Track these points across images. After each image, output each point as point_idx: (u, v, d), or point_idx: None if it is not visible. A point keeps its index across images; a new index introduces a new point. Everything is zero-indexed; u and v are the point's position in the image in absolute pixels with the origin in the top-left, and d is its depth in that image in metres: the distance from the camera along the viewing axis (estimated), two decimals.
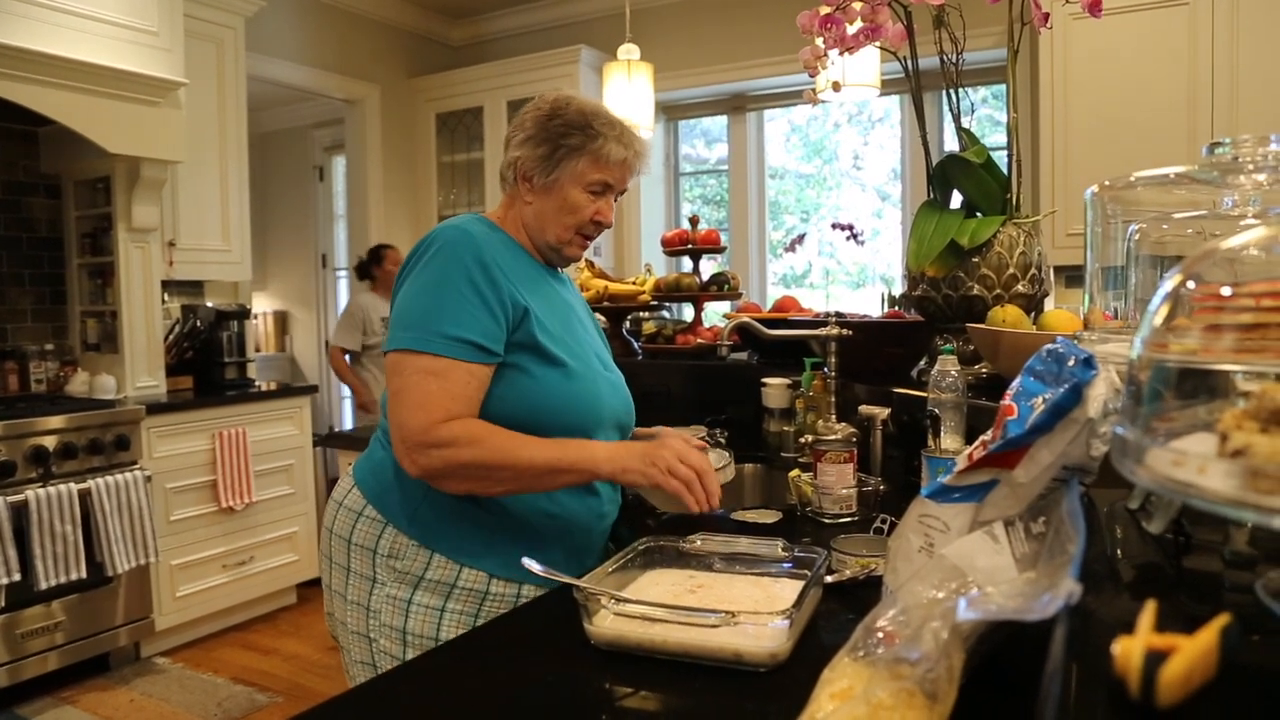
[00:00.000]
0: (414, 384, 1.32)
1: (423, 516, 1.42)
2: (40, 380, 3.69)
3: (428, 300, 1.37)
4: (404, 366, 1.34)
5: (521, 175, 1.50)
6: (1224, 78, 3.27)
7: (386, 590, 1.41)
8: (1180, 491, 0.54)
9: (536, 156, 1.48)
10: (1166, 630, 0.52)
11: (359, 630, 1.44)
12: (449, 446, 1.30)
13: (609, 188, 1.51)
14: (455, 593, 1.40)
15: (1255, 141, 0.84)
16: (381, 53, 5.34)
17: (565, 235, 1.51)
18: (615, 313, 3.10)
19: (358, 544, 1.46)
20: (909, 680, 0.69)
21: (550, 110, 1.49)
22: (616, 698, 0.94)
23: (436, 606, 1.39)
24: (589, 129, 1.47)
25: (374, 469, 1.50)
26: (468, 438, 1.31)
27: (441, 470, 1.32)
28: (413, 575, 1.41)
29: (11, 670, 3.02)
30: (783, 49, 4.53)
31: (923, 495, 0.92)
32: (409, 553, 1.41)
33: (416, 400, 1.31)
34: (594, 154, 1.47)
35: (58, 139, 3.66)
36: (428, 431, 1.30)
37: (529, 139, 1.49)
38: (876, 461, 1.88)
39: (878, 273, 5.01)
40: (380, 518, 1.45)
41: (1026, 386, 0.89)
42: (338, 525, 1.50)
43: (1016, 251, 1.93)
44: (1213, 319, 0.61)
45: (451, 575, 1.40)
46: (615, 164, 1.49)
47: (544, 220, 1.50)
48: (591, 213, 1.50)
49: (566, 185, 1.48)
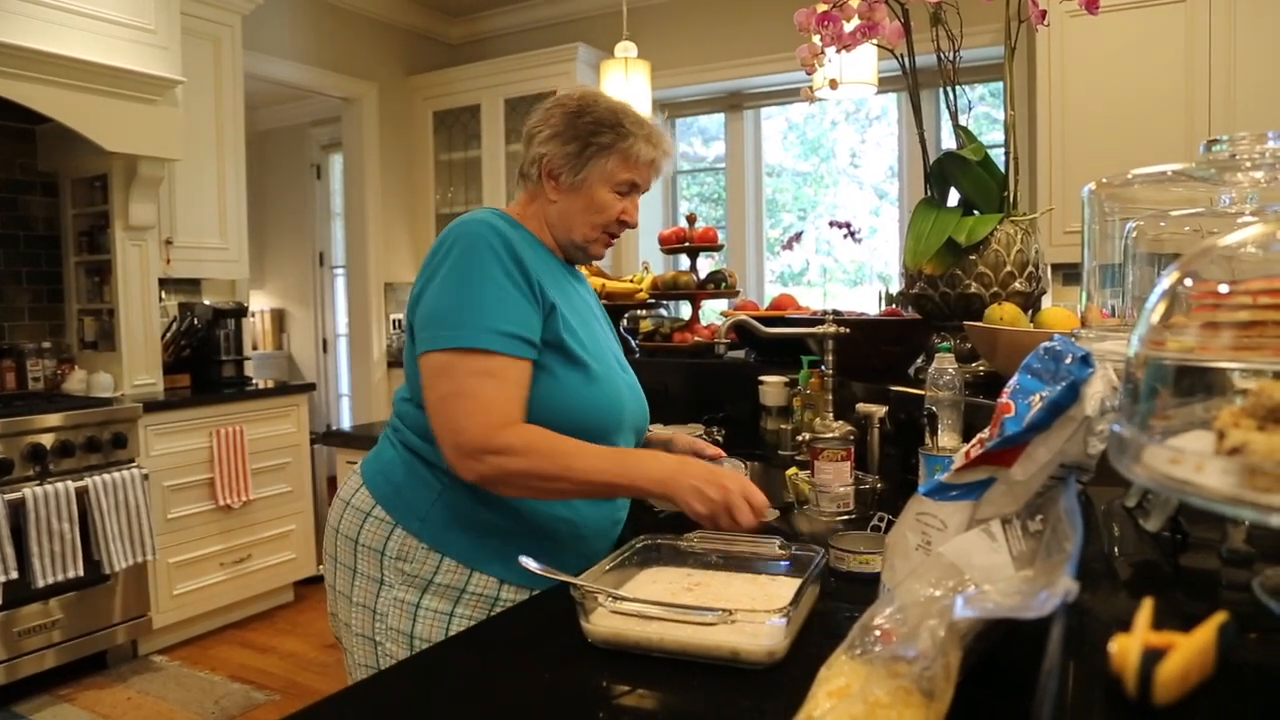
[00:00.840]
0: (469, 386, 1.28)
1: (434, 519, 1.39)
2: (37, 378, 3.68)
3: (468, 295, 1.31)
4: (455, 367, 1.29)
5: (547, 173, 1.45)
6: (1221, 75, 3.27)
7: (394, 593, 1.38)
8: (1177, 489, 0.54)
9: (565, 154, 1.43)
10: (1163, 628, 0.52)
11: (364, 633, 1.41)
12: (508, 455, 1.26)
13: (635, 187, 1.49)
14: (465, 597, 1.37)
15: (1252, 139, 0.84)
16: (379, 51, 5.33)
17: (592, 234, 1.48)
18: (613, 311, 3.10)
19: (365, 545, 1.42)
20: (906, 678, 0.69)
21: (579, 107, 1.45)
22: (613, 696, 0.94)
23: (445, 611, 1.36)
24: (620, 127, 1.43)
25: (383, 468, 1.46)
26: (525, 446, 1.26)
27: (499, 478, 1.28)
28: (422, 578, 1.37)
29: (9, 668, 3.02)
30: (780, 47, 4.53)
31: (920, 493, 0.92)
32: (418, 555, 1.38)
33: (475, 404, 1.27)
34: (624, 153, 1.43)
35: (55, 137, 3.65)
36: (489, 439, 1.25)
37: (556, 135, 1.44)
38: (874, 459, 1.88)
39: (875, 271, 5.01)
40: (389, 519, 1.41)
41: (1024, 384, 0.89)
42: (345, 525, 1.46)
43: (1014, 249, 1.93)
44: (1210, 316, 0.61)
45: (461, 580, 1.37)
46: (644, 164, 1.46)
47: (570, 219, 1.47)
48: (618, 212, 1.48)
49: (595, 184, 1.44)
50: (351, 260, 5.46)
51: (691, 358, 2.90)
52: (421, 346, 1.34)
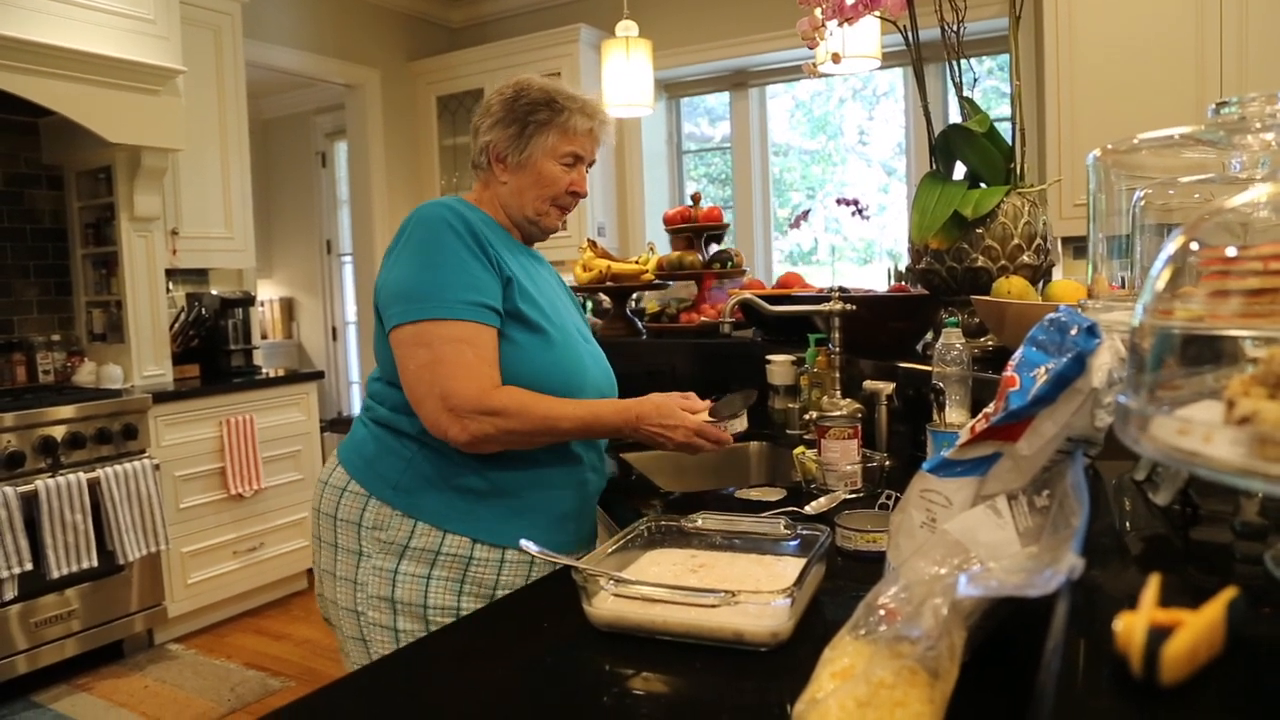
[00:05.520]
0: (450, 353, 1.36)
1: (405, 485, 1.46)
2: (48, 371, 3.70)
3: (432, 271, 1.40)
4: (431, 336, 1.37)
5: (495, 157, 1.56)
6: (1233, 37, 3.20)
7: (373, 562, 1.45)
8: (1186, 461, 0.52)
9: (508, 136, 1.54)
10: (1173, 604, 0.50)
11: (348, 606, 1.48)
12: (500, 415, 1.36)
13: (579, 159, 1.58)
14: (440, 559, 1.43)
15: (1263, 100, 0.81)
16: (381, 36, 5.30)
17: (543, 207, 1.58)
18: (618, 292, 3.08)
19: (343, 519, 1.50)
20: (910, 658, 0.68)
21: (514, 93, 1.57)
22: (617, 679, 0.93)
23: (422, 575, 1.43)
24: (554, 104, 1.54)
25: (356, 446, 1.54)
26: (516, 407, 1.37)
27: (492, 436, 1.37)
28: (397, 545, 1.44)
29: (28, 658, 3.05)
30: (783, 23, 4.47)
31: (924, 470, 0.90)
32: (393, 523, 1.45)
33: (461, 369, 1.35)
34: (561, 127, 1.54)
35: (58, 130, 3.64)
36: (481, 399, 1.35)
37: (498, 122, 1.55)
38: (882, 437, 1.86)
39: (884, 248, 4.97)
40: (364, 491, 1.48)
41: (1029, 357, 0.87)
42: (323, 503, 1.54)
43: (1021, 222, 1.90)
44: (1218, 284, 0.59)
45: (435, 542, 1.43)
46: (582, 134, 1.56)
47: (521, 195, 1.56)
48: (566, 184, 1.57)
49: (540, 160, 1.54)
50: (358, 248, 5.45)
51: (698, 338, 2.88)
52: (393, 321, 1.42)
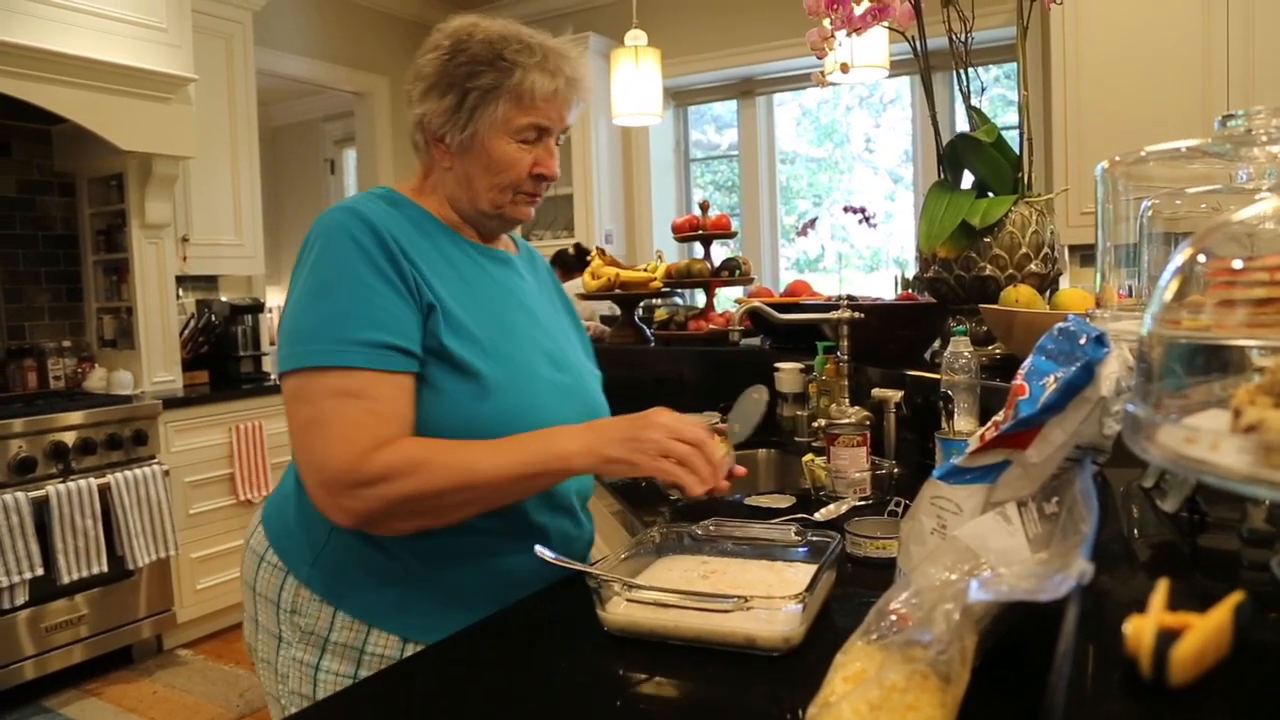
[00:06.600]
0: (328, 411, 1.06)
1: (324, 563, 1.17)
2: (58, 377, 3.72)
3: (325, 302, 1.10)
4: (310, 390, 1.07)
5: (432, 136, 1.22)
6: (1239, 49, 3.22)
7: (293, 652, 1.19)
8: (1193, 468, 0.53)
9: (444, 109, 1.19)
10: (1181, 609, 0.51)
11: (271, 692, 1.24)
12: (385, 481, 1.04)
13: (544, 131, 1.21)
14: (365, 659, 1.15)
15: (1269, 113, 0.82)
16: (390, 44, 5.33)
17: (501, 198, 1.22)
18: (627, 300, 3.10)
19: (261, 594, 1.23)
20: (922, 663, 0.69)
21: (451, 47, 1.19)
22: (629, 683, 0.94)
23: (348, 674, 1.15)
24: (500, 61, 1.16)
25: (280, 503, 1.26)
26: (407, 465, 1.04)
27: (381, 512, 1.06)
28: (318, 635, 1.17)
29: (37, 663, 3.06)
30: (791, 32, 4.50)
31: (935, 477, 0.91)
32: (310, 608, 1.17)
33: (336, 432, 1.05)
34: (513, 92, 1.17)
35: (71, 137, 3.68)
36: (356, 469, 1.04)
37: (431, 88, 1.20)
38: (890, 445, 1.87)
39: (891, 256, 4.98)
40: (281, 565, 1.21)
41: (1038, 365, 0.88)
42: (244, 568, 1.28)
43: (1029, 231, 1.91)
44: (1225, 294, 0.60)
45: (359, 638, 1.16)
46: (544, 99, 1.18)
47: (471, 185, 1.22)
48: (528, 166, 1.21)
49: (489, 138, 1.18)
50: None
51: (706, 346, 2.89)
52: (278, 368, 1.12)
